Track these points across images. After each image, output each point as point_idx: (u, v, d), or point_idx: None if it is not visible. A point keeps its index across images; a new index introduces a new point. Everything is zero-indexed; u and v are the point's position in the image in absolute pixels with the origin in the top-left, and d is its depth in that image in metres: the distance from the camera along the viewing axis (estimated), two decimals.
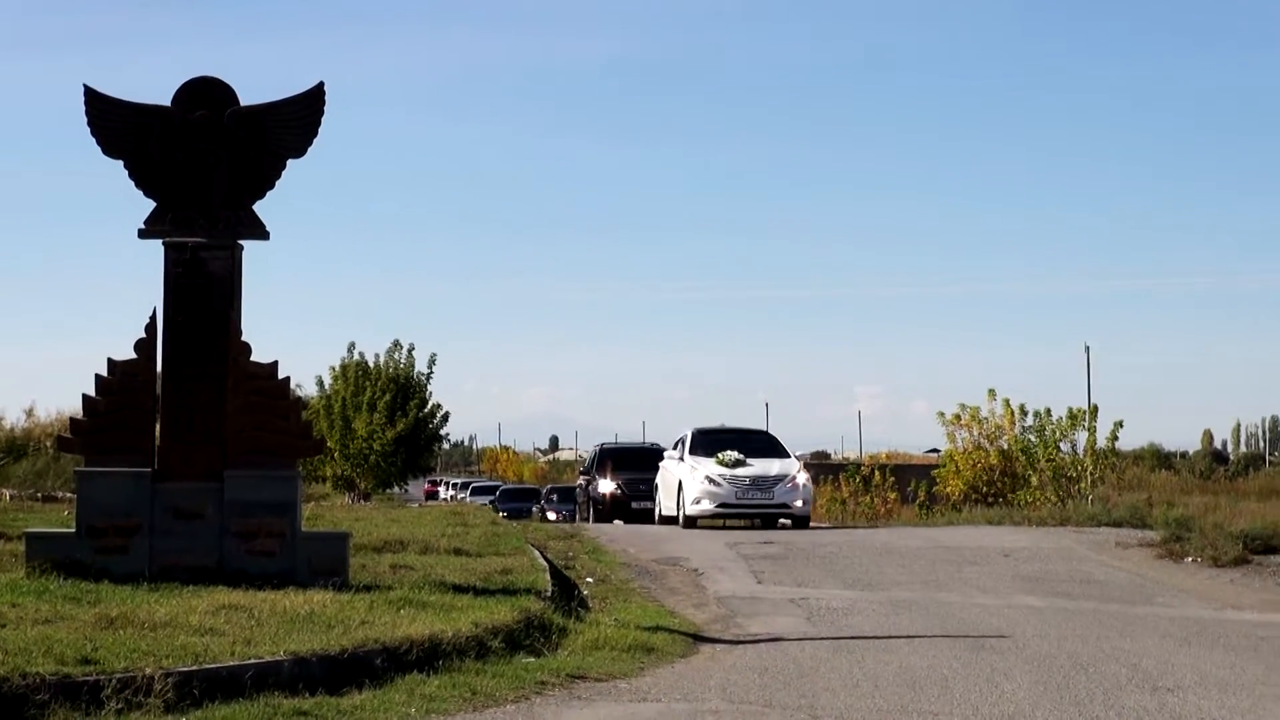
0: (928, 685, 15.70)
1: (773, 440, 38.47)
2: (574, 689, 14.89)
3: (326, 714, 12.74)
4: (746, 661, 17.47)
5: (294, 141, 20.49)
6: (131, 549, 19.18)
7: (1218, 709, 14.43)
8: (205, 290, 20.01)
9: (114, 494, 19.78)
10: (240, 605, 16.39)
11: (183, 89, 20.36)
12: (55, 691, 12.00)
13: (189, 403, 19.92)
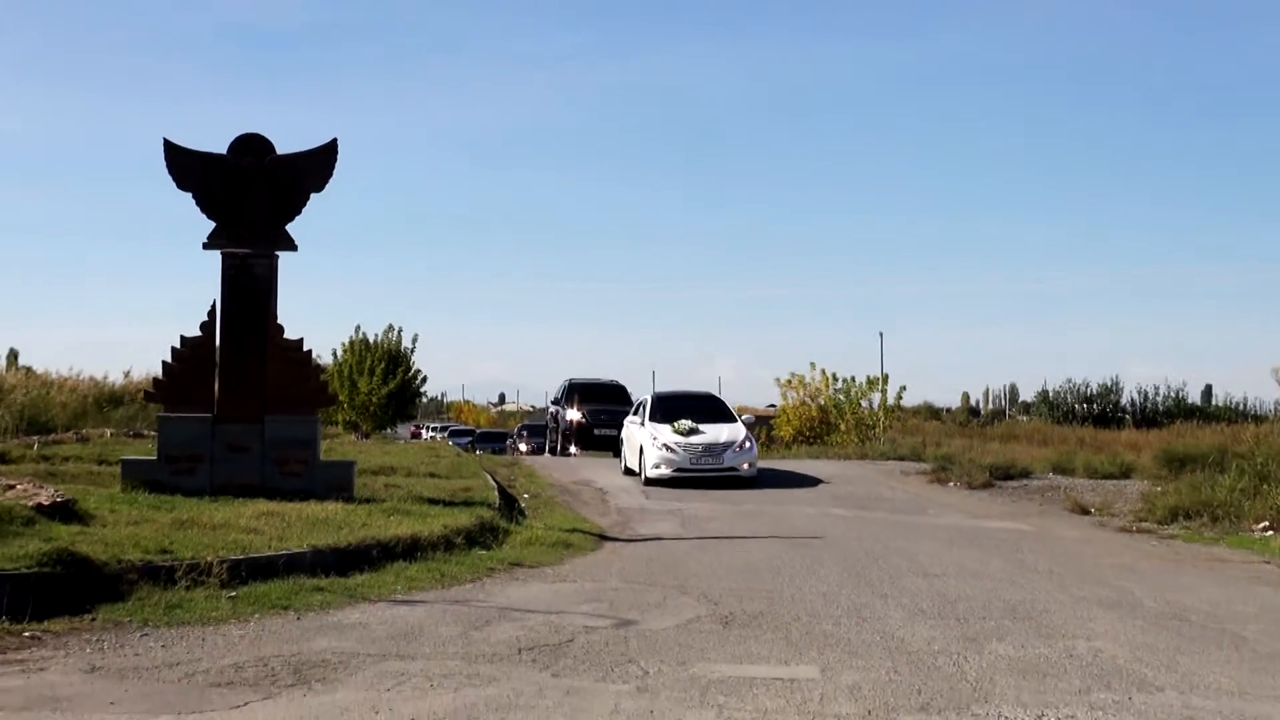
0: (765, 570, 16.50)
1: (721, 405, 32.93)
2: (514, 573, 15.83)
3: (336, 590, 13.55)
4: (637, 554, 18.30)
5: (315, 181, 21.64)
6: (197, 472, 20.19)
7: (969, 589, 14.94)
8: (251, 287, 20.96)
9: (185, 433, 20.79)
10: (275, 512, 17.31)
11: (235, 141, 21.47)
12: (141, 573, 12.99)
13: (239, 367, 20.81)
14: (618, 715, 8.98)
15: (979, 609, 14.02)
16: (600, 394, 46.96)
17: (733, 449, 26.51)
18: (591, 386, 47.77)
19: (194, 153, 21.84)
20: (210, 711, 8.77)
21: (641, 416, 29.96)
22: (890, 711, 9.29)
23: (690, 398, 33.06)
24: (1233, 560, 19.85)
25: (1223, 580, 17.25)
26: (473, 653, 11.07)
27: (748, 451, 27.28)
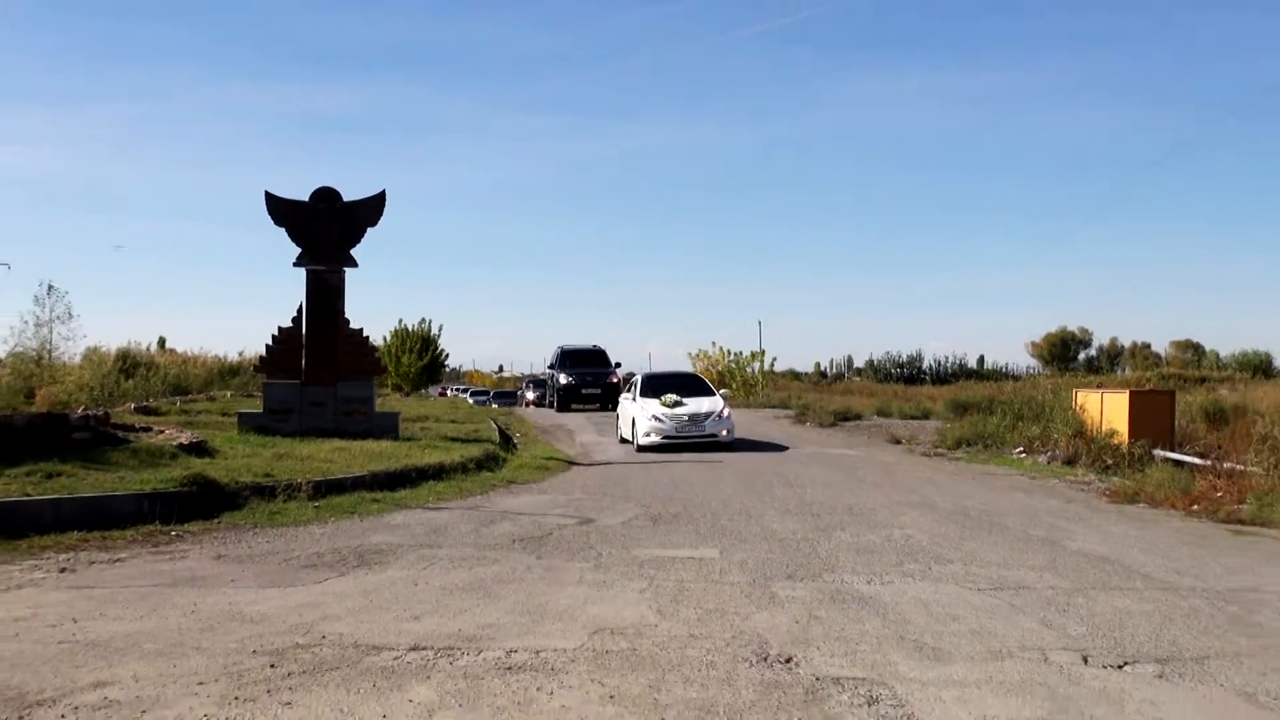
0: (682, 484, 16.82)
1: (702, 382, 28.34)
2: (509, 488, 16.09)
3: (387, 501, 13.89)
4: (594, 473, 18.59)
5: (370, 218, 21.97)
6: (290, 420, 20.49)
7: (821, 496, 15.19)
8: (326, 293, 21.19)
9: (281, 393, 20.98)
10: (344, 448, 17.58)
11: (315, 192, 21.96)
12: (252, 490, 13.31)
13: (318, 348, 21.11)
14: (581, 584, 9.03)
15: (827, 509, 14.10)
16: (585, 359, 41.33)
17: (713, 418, 23.30)
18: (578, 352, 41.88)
19: (287, 200, 21.84)
20: (301, 585, 8.77)
21: (633, 393, 25.65)
22: (768, 580, 9.35)
23: (675, 376, 28.44)
24: (998, 474, 20.02)
25: (991, 488, 17.40)
26: (482, 543, 11.10)
27: (725, 420, 23.95)
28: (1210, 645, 7.30)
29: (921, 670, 6.55)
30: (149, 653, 6.63)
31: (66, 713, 5.49)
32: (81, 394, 25.50)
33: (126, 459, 13.98)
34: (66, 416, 15.74)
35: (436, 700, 5.78)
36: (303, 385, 21.46)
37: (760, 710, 5.69)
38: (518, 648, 6.90)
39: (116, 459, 13.89)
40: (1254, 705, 5.96)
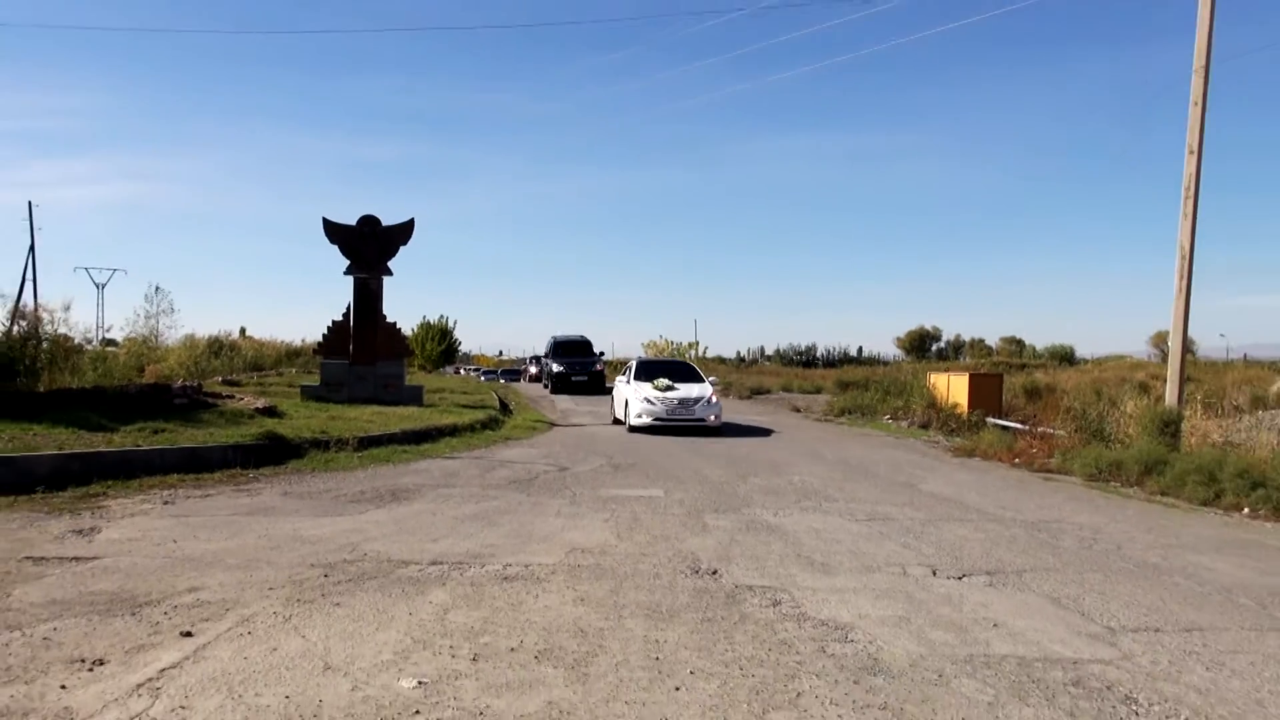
0: (637, 440, 15.99)
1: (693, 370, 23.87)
2: (506, 443, 15.94)
3: (413, 452, 14.02)
4: (570, 433, 18.39)
5: (403, 239, 22.10)
6: (340, 391, 20.61)
7: (741, 450, 15.86)
8: (368, 295, 21.33)
9: (334, 370, 21.04)
10: (382, 412, 17.52)
11: (360, 218, 22.07)
12: (310, 443, 13.33)
13: (362, 337, 21.13)
14: (560, 515, 9.03)
15: (746, 461, 14.15)
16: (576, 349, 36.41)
17: (702, 403, 19.42)
18: (569, 343, 37.02)
19: (339, 224, 21.61)
20: (347, 515, 8.72)
21: (628, 376, 21.71)
22: (700, 513, 9.39)
23: (668, 363, 24.06)
24: (872, 435, 20.21)
25: (866, 445, 17.54)
26: (486, 484, 11.07)
27: (714, 406, 19.97)
28: (1026, 562, 7.41)
29: (813, 580, 6.60)
30: (231, 565, 6.59)
31: (169, 610, 5.44)
32: (180, 370, 25.35)
33: (215, 419, 13.85)
34: (169, 386, 15.63)
35: (450, 602, 5.77)
36: (350, 364, 21.25)
37: (693, 610, 5.72)
38: (512, 563, 6.90)
39: (207, 419, 13.76)
40: (1057, 606, 6.06)
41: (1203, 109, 14.25)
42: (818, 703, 4.23)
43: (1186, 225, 14.29)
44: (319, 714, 3.97)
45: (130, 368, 22.16)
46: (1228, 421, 15.27)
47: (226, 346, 34.27)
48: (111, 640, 4.90)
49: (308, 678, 4.40)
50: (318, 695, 4.18)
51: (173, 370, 24.73)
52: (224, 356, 31.87)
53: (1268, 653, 5.16)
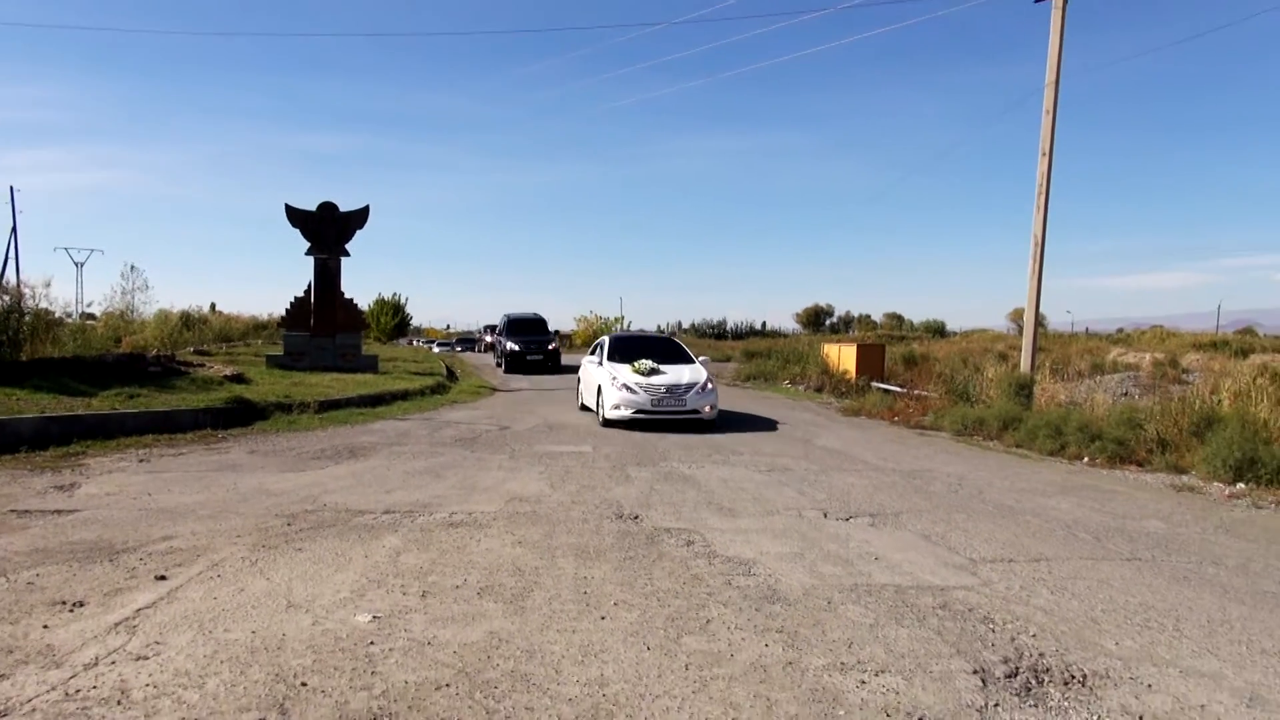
0: (554, 403, 15.81)
1: (679, 348, 16.85)
2: (453, 406, 15.80)
3: (369, 415, 13.80)
4: (510, 397, 18.21)
5: (359, 223, 21.58)
6: (302, 360, 20.18)
7: None
8: (327, 274, 20.98)
9: (297, 341, 20.61)
10: (340, 379, 17.19)
11: (320, 204, 21.54)
12: (275, 407, 13.05)
13: (322, 311, 20.68)
14: (500, 469, 8.97)
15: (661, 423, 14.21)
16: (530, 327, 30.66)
17: (695, 391, 13.96)
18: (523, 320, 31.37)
19: (300, 210, 21.02)
20: (309, 470, 8.55)
21: (600, 356, 15.71)
22: (624, 466, 9.40)
23: (648, 340, 17.41)
24: (774, 397, 20.41)
25: (770, 406, 17.71)
26: (434, 442, 10.94)
27: (709, 394, 14.26)
28: (903, 505, 7.58)
29: (721, 522, 6.67)
30: (202, 516, 6.41)
31: (144, 556, 5.28)
32: (155, 341, 24.56)
33: (186, 385, 13.44)
34: (144, 355, 15.14)
35: (402, 545, 5.70)
36: (311, 336, 20.75)
37: (617, 550, 5.74)
38: (458, 511, 6.84)
39: (180, 385, 13.35)
40: (929, 542, 6.21)
41: (1053, 117, 14.59)
42: (724, 628, 4.28)
43: (1039, 217, 14.66)
44: (282, 646, 3.90)
45: (108, 339, 21.44)
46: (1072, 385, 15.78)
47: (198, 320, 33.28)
48: (91, 584, 4.74)
49: (272, 615, 4.31)
50: (281, 630, 4.10)
51: (148, 342, 23.95)
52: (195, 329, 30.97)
53: (1101, 578, 5.36)
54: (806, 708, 3.40)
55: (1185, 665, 3.95)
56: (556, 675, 3.65)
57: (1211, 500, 8.35)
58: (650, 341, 15.88)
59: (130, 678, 3.54)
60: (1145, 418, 11.19)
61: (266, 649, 3.86)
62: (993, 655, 4.00)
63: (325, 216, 21.05)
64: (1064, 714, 3.42)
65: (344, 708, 3.30)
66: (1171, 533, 6.77)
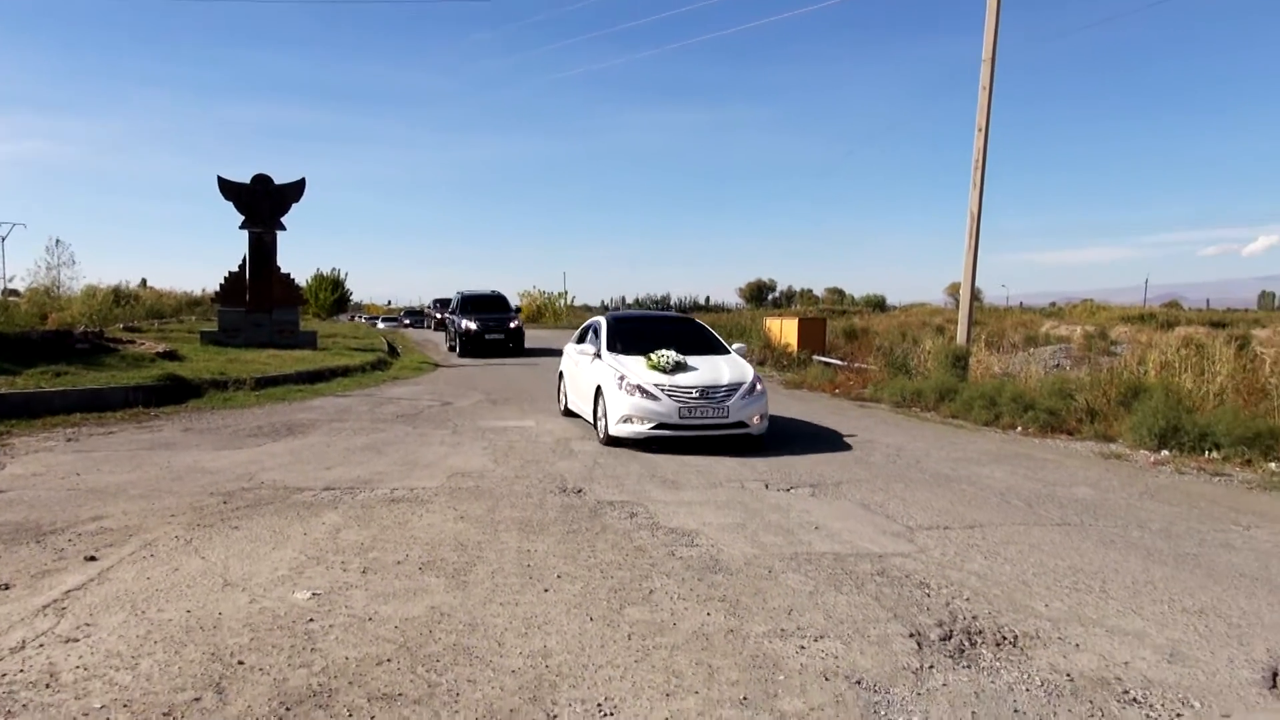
0: (514, 381, 16.85)
1: (704, 331, 10.69)
2: (394, 382, 15.67)
3: (308, 391, 13.58)
4: (453, 373, 18.07)
5: (295, 197, 21.01)
6: (238, 336, 19.69)
7: None
8: (263, 248, 20.53)
9: (232, 317, 20.13)
10: (278, 355, 16.93)
11: (254, 177, 20.95)
12: (210, 384, 12.81)
13: (257, 286, 20.38)
14: (443, 444, 8.90)
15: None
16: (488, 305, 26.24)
17: (741, 395, 8.93)
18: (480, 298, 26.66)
19: (233, 182, 20.45)
20: (246, 448, 8.38)
21: (597, 345, 10.40)
22: (567, 440, 9.39)
23: (660, 321, 11.91)
24: None
25: None
26: (375, 418, 10.80)
27: (758, 399, 9.15)
28: (843, 475, 7.69)
29: (665, 495, 6.70)
30: (134, 495, 6.26)
31: (73, 537, 5.14)
32: (83, 318, 23.86)
33: (116, 363, 13.09)
34: (70, 332, 14.71)
35: (342, 522, 5.63)
36: (247, 312, 20.25)
37: (561, 522, 5.74)
38: (399, 487, 6.77)
39: (109, 363, 12.99)
40: (867, 511, 6.32)
41: (989, 93, 14.80)
42: (667, 598, 4.32)
43: (975, 193, 14.90)
44: (218, 625, 3.83)
45: (33, 316, 20.79)
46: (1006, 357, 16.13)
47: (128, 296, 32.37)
48: (17, 567, 4.60)
49: (208, 594, 4.23)
50: (217, 609, 4.02)
51: (75, 318, 23.25)
52: (126, 305, 30.13)
53: (1033, 543, 5.51)
54: (747, 674, 3.45)
55: (1111, 625, 4.09)
56: (499, 648, 3.65)
57: (1137, 467, 8.63)
58: (664, 324, 11.55)
59: (59, 660, 3.45)
60: (1076, 388, 11.49)
61: (202, 628, 3.79)
62: (928, 619, 4.10)
63: (260, 190, 20.51)
64: (995, 674, 3.52)
65: (282, 685, 3.26)
66: (1099, 499, 6.99)
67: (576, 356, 10.96)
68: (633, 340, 10.12)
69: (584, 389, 10.33)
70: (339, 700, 3.15)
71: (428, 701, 3.15)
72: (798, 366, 19.57)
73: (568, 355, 11.70)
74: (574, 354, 11.18)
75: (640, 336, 10.28)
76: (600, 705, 3.15)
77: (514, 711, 3.08)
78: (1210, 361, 11.09)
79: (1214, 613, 4.29)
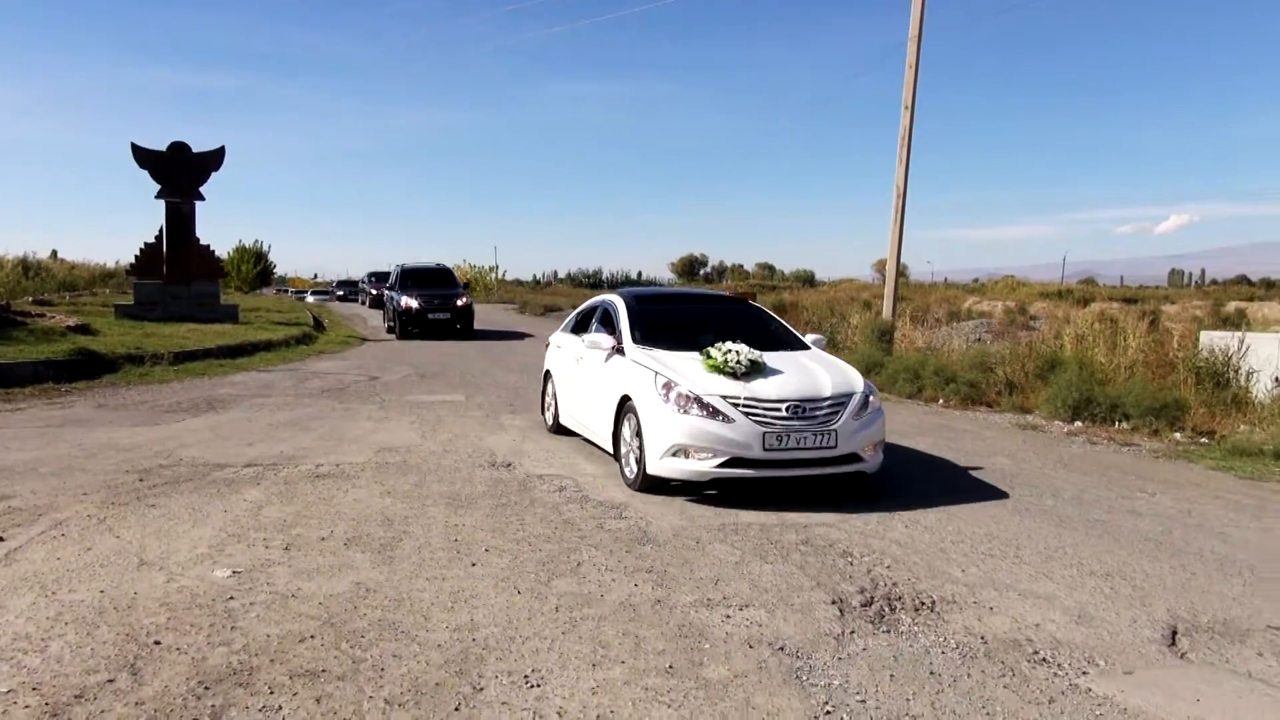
0: (444, 356, 16.59)
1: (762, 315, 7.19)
2: (320, 356, 15.49)
3: (229, 366, 13.25)
4: (381, 347, 17.89)
5: (215, 165, 20.18)
6: (155, 310, 19.07)
7: (530, 360, 15.58)
8: (180, 218, 19.80)
9: (148, 290, 19.53)
10: (197, 329, 16.47)
11: (171, 144, 20.05)
12: (126, 359, 12.35)
13: (175, 257, 19.67)
14: (370, 419, 8.76)
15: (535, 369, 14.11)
16: (431, 280, 22.92)
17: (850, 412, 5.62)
18: (422, 272, 23.38)
19: (149, 150, 19.75)
20: (163, 424, 8.14)
21: (618, 337, 6.71)
22: (497, 414, 9.34)
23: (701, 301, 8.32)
24: None
25: None
26: (300, 393, 10.58)
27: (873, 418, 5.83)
28: None
29: (594, 469, 6.71)
30: (45, 474, 6.03)
31: None
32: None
33: (25, 337, 12.57)
34: None
35: (264, 499, 5.52)
36: (165, 285, 19.65)
37: (489, 497, 5.71)
38: (324, 463, 6.66)
39: (17, 336, 12.48)
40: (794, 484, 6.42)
41: (915, 71, 15.02)
42: (595, 570, 4.34)
43: (901, 170, 15.15)
44: (133, 605, 3.72)
45: None
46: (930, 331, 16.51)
47: (37, 268, 31.02)
48: None
49: (122, 574, 4.11)
50: (132, 589, 3.92)
51: None
52: (35, 278, 28.88)
53: (951, 511, 5.67)
54: (674, 643, 3.49)
55: (1024, 589, 4.24)
56: (425, 622, 3.62)
57: (1052, 437, 8.93)
58: (708, 305, 8.29)
59: None
60: (995, 362, 11.83)
61: (116, 609, 3.68)
62: (850, 586, 4.20)
63: (177, 158, 19.82)
64: (913, 638, 3.63)
65: (201, 664, 3.19)
66: (1016, 468, 7.22)
67: (577, 350, 7.64)
68: (661, 329, 6.93)
69: (594, 400, 7.05)
70: (260, 678, 3.10)
71: (352, 677, 3.12)
72: None
73: (558, 349, 8.40)
74: (572, 347, 7.91)
75: (671, 324, 7.10)
76: (527, 677, 3.15)
77: (439, 685, 3.07)
78: (1122, 337, 11.51)
79: (1120, 576, 4.48)
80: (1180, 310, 29.60)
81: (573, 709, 2.94)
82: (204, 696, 2.96)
